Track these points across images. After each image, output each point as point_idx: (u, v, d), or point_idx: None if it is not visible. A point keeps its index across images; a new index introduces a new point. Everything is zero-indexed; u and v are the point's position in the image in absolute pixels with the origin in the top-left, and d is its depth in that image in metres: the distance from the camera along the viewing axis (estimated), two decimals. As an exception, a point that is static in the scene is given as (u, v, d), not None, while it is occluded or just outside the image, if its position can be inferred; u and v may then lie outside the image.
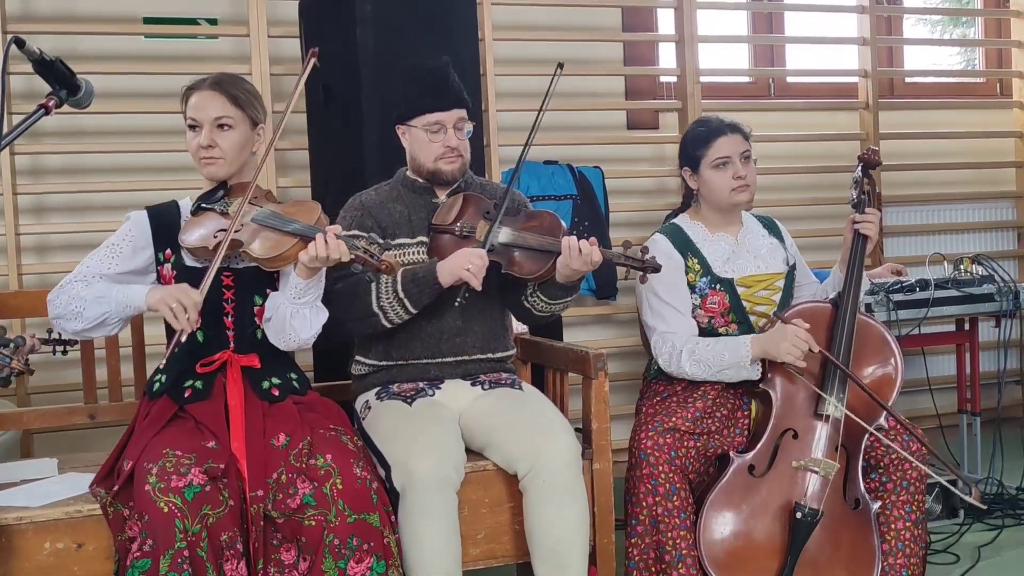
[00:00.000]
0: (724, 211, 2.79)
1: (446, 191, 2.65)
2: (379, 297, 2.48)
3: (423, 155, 2.61)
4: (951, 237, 4.83)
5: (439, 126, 2.58)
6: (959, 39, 5.43)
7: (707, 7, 4.44)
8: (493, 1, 4.00)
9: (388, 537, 2.19)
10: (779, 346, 2.52)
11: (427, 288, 2.46)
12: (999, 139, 4.96)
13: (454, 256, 2.45)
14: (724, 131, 2.74)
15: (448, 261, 2.45)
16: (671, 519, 2.49)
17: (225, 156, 2.40)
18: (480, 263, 2.41)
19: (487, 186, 2.76)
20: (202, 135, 2.38)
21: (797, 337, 2.51)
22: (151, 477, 2.07)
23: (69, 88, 1.87)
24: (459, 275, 2.42)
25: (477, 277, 2.40)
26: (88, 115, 3.51)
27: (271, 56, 3.75)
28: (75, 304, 2.30)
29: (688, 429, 2.58)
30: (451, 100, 2.59)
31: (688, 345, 2.64)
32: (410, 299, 2.47)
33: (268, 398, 2.36)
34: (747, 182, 2.74)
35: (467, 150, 2.64)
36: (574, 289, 2.59)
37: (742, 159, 2.74)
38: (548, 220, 2.57)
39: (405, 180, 2.68)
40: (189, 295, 2.20)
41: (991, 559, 3.16)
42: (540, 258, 2.49)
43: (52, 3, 3.72)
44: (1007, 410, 4.44)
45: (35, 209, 3.73)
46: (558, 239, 2.47)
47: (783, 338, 2.52)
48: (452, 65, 2.65)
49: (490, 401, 2.54)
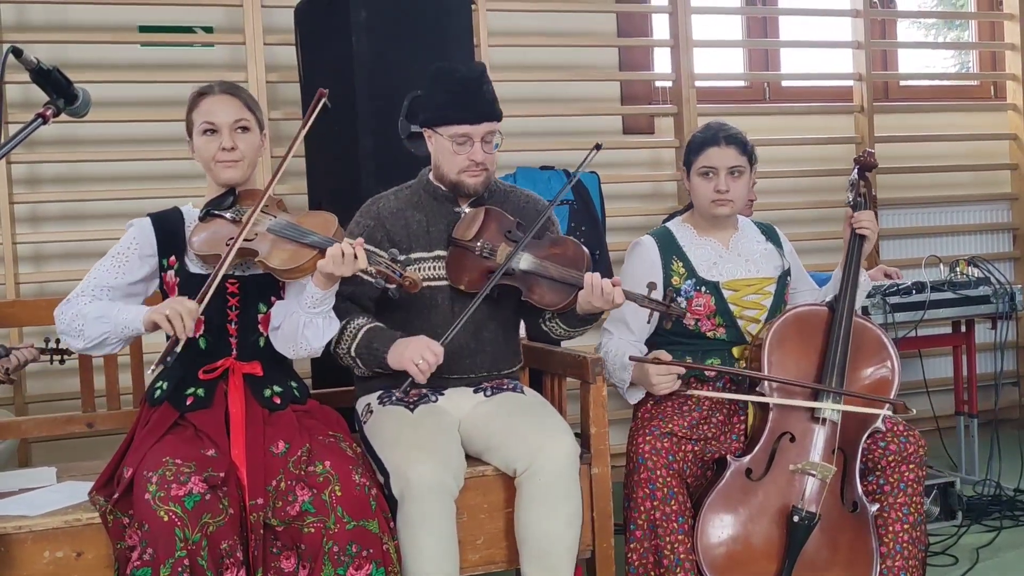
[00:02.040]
0: (706, 218, 2.81)
1: (468, 201, 2.59)
2: (338, 343, 2.48)
3: (447, 165, 2.54)
4: (947, 239, 4.84)
5: (466, 138, 2.49)
6: (953, 42, 5.45)
7: (702, 12, 4.46)
8: (488, 7, 4.02)
9: (387, 544, 2.19)
10: (651, 386, 2.59)
11: (375, 361, 2.45)
12: (994, 141, 4.98)
13: (411, 344, 2.38)
14: (718, 142, 2.73)
15: (403, 347, 2.38)
16: (669, 523, 2.50)
17: (245, 158, 2.40)
18: (432, 360, 2.34)
19: (511, 193, 2.70)
20: (224, 137, 2.37)
21: (659, 374, 2.56)
22: (151, 486, 2.07)
23: (66, 97, 1.87)
24: (405, 366, 2.36)
25: (424, 374, 2.34)
26: (84, 124, 3.51)
27: (267, 64, 3.76)
28: (77, 322, 2.30)
29: (685, 435, 2.59)
30: (481, 113, 2.50)
31: (611, 349, 2.71)
32: (361, 360, 2.48)
33: (269, 406, 2.36)
34: (728, 197, 2.72)
35: (493, 163, 2.58)
36: (595, 318, 2.56)
37: (729, 173, 2.72)
38: (572, 250, 2.51)
39: (427, 185, 2.62)
40: (184, 304, 2.19)
41: (989, 560, 3.16)
42: (562, 290, 2.45)
43: (47, 12, 3.72)
44: (1004, 411, 4.46)
45: (31, 218, 3.73)
46: (581, 273, 2.42)
47: (649, 381, 2.58)
48: (487, 73, 2.57)
49: (491, 407, 2.53)
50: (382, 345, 2.42)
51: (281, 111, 3.82)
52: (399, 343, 2.41)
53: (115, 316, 2.29)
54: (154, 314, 2.21)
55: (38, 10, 3.71)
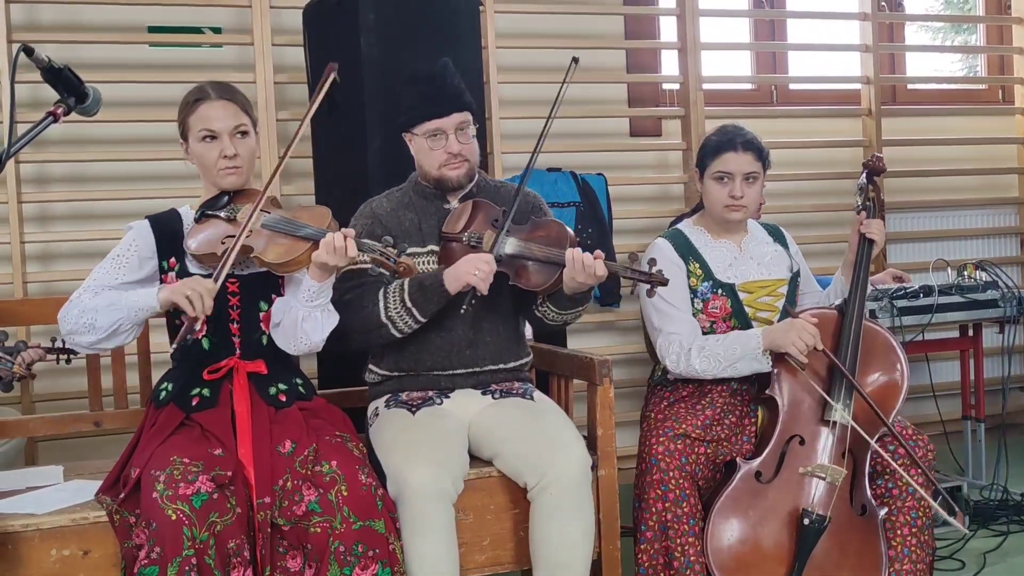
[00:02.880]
0: (717, 222, 2.80)
1: (457, 196, 2.63)
2: (387, 308, 2.47)
3: (427, 163, 2.58)
4: (954, 243, 4.83)
5: (439, 132, 2.54)
6: (961, 46, 5.44)
7: (709, 14, 4.45)
8: (496, 9, 4.02)
9: (393, 544, 2.19)
10: (787, 335, 2.54)
11: (434, 295, 2.44)
12: (1001, 145, 4.96)
13: (461, 262, 2.42)
14: (735, 147, 2.72)
15: (455, 267, 2.43)
16: (680, 525, 2.49)
17: (244, 164, 2.41)
18: (487, 268, 2.38)
19: (501, 188, 2.72)
20: (225, 145, 2.38)
21: (805, 331, 2.53)
22: (159, 485, 2.07)
23: (77, 96, 1.88)
24: (465, 280, 2.39)
25: (484, 282, 2.37)
26: (92, 124, 3.52)
27: (275, 65, 3.76)
28: (87, 316, 2.29)
29: (698, 436, 2.58)
30: (448, 105, 2.53)
31: (697, 342, 2.64)
32: (417, 307, 2.46)
33: (275, 404, 2.36)
34: (742, 203, 2.73)
35: (473, 153, 2.60)
36: (584, 299, 2.57)
37: (744, 179, 2.72)
38: (555, 230, 2.53)
39: (416, 186, 2.66)
40: (202, 283, 2.19)
41: (997, 565, 3.15)
42: (546, 270, 2.46)
43: (57, 12, 3.73)
44: (1011, 416, 4.44)
45: (40, 217, 3.73)
46: (564, 250, 2.44)
47: (791, 329, 2.54)
48: (451, 66, 2.59)
49: (500, 412, 2.52)
50: (432, 280, 2.44)
51: (289, 111, 3.82)
52: (447, 271, 2.43)
53: (125, 301, 2.29)
54: (173, 293, 2.21)
55: (48, 10, 3.72)
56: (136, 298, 2.29)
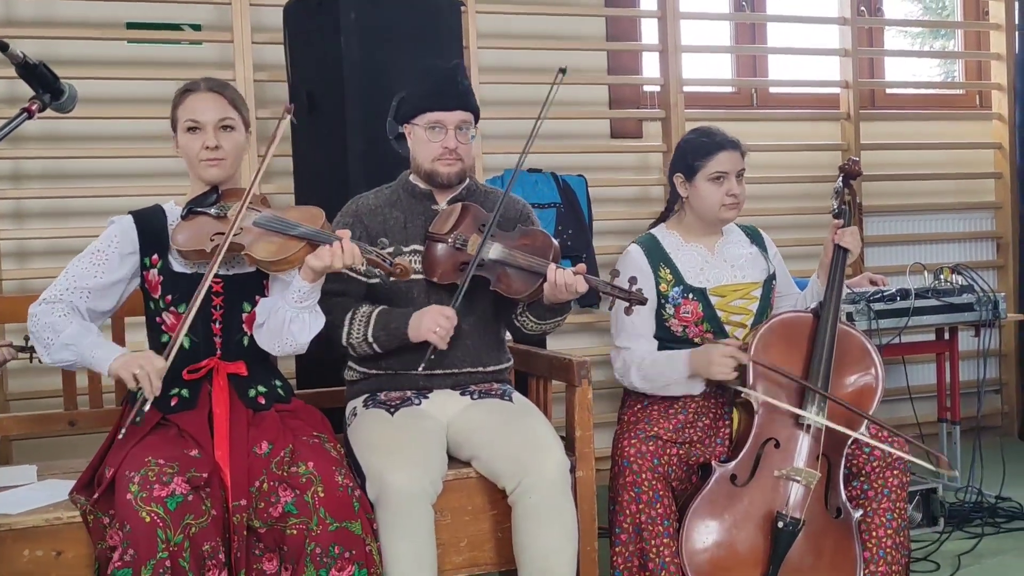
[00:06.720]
0: (708, 223, 2.81)
1: (446, 197, 2.63)
2: (350, 334, 2.50)
3: (421, 155, 2.59)
4: (931, 247, 4.86)
5: (439, 126, 2.54)
6: (939, 51, 5.48)
7: (691, 17, 4.46)
8: (478, 9, 4.01)
9: (370, 545, 2.18)
10: (708, 368, 2.57)
11: (395, 339, 2.48)
12: (978, 150, 5.00)
13: (425, 316, 2.44)
14: (727, 146, 2.75)
15: (417, 317, 2.45)
16: (654, 527, 2.50)
17: (228, 157, 2.39)
18: (448, 325, 2.41)
19: (491, 194, 2.72)
20: (208, 136, 2.37)
21: (723, 356, 2.55)
22: (133, 486, 2.06)
23: (52, 92, 1.86)
24: (424, 336, 2.42)
25: (443, 340, 2.41)
26: (69, 120, 3.48)
27: (255, 62, 3.74)
28: (47, 335, 2.27)
29: (670, 438, 2.59)
30: (454, 101, 2.55)
31: (636, 360, 2.69)
32: (378, 343, 2.50)
33: (254, 406, 2.35)
34: (739, 200, 2.76)
35: (468, 155, 2.61)
36: (564, 310, 2.58)
37: (737, 176, 2.75)
38: (540, 240, 2.54)
39: (407, 184, 2.66)
40: (153, 362, 2.16)
41: (971, 567, 3.17)
42: (528, 279, 2.47)
43: (35, 7, 3.70)
44: (986, 419, 4.48)
45: (15, 214, 3.70)
46: (547, 262, 2.46)
47: (709, 359, 2.57)
48: (463, 68, 2.62)
49: (478, 413, 2.52)
50: (399, 323, 2.47)
51: (269, 110, 3.80)
52: (414, 317, 2.46)
53: (84, 349, 2.25)
54: (122, 370, 2.19)
55: (26, 5, 3.69)
56: (94, 351, 2.25)
